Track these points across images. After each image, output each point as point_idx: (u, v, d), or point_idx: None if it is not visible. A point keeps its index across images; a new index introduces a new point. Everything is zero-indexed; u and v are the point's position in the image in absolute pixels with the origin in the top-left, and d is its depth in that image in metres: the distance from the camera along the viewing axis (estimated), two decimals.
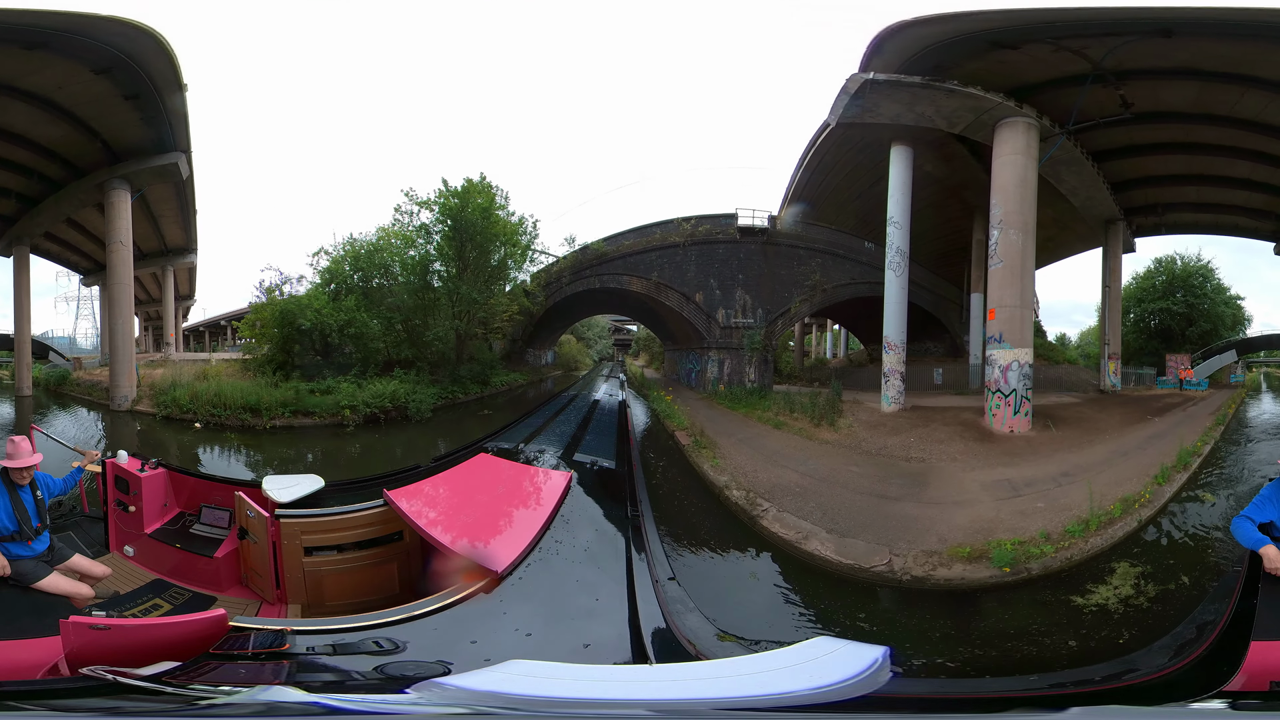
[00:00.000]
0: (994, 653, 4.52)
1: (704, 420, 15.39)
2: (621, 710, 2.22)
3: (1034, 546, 5.89)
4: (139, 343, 47.33)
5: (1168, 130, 16.83)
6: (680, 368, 31.32)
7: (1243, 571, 3.56)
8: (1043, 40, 13.03)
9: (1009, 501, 7.81)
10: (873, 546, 6.34)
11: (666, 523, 7.50)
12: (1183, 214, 23.45)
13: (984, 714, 2.70)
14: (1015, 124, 14.77)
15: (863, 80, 14.64)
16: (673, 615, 3.62)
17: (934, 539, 6.48)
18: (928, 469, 10.04)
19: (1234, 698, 2.45)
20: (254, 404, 15.81)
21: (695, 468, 10.73)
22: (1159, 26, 12.07)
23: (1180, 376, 24.87)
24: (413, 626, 3.37)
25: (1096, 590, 5.31)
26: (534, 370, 33.94)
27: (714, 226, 23.86)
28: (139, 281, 36.38)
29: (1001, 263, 14.51)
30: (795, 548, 6.65)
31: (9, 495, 4.07)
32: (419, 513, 4.50)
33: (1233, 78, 13.82)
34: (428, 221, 22.07)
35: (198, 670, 2.70)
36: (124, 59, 14.99)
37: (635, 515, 5.39)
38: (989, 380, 14.22)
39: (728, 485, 9.01)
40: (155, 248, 30.57)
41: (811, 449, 12.05)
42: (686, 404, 18.55)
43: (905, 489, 8.73)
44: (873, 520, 7.20)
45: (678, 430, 13.79)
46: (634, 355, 70.13)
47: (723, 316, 23.63)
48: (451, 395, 20.51)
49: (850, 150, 21.47)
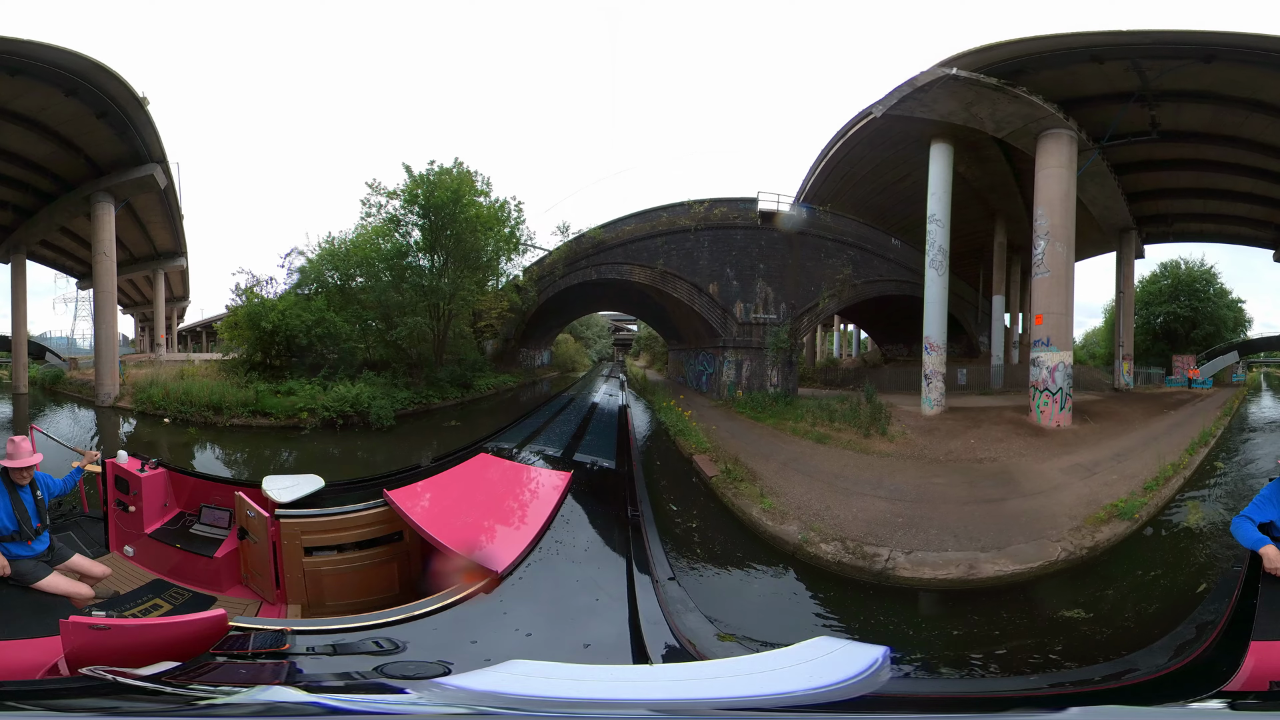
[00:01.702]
0: (1178, 551, 6.68)
1: (726, 435, 13.00)
2: (621, 710, 2.22)
3: (1134, 501, 7.60)
4: (136, 343, 47.87)
5: (1181, 148, 17.91)
6: (688, 370, 28.48)
7: (1243, 571, 3.56)
8: (1123, 58, 13.88)
9: (1090, 479, 9.04)
10: (1032, 545, 6.35)
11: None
12: (1190, 224, 24.62)
13: (984, 714, 2.70)
14: (1059, 136, 15.27)
15: (944, 74, 14.50)
16: (673, 615, 3.63)
17: (1065, 519, 7.10)
18: (1004, 467, 10.30)
19: (1234, 698, 2.45)
20: (216, 403, 16.45)
21: (738, 514, 7.96)
22: (1208, 52, 13.22)
23: (1188, 376, 26.38)
24: (413, 626, 3.38)
25: (1187, 517, 7.56)
26: (527, 372, 31.88)
27: (731, 210, 21.18)
28: (133, 284, 37.74)
29: (1049, 273, 15.34)
30: (968, 582, 5.70)
31: (9, 495, 4.07)
32: (419, 513, 4.50)
33: (1242, 101, 15.16)
34: (396, 212, 20.55)
35: (198, 670, 2.70)
36: (81, 81, 16.59)
37: (635, 515, 5.39)
38: (1036, 380, 14.94)
39: (806, 539, 6.59)
40: (146, 252, 31.59)
41: (875, 465, 10.47)
42: (700, 414, 15.90)
43: (1000, 489, 8.80)
44: (1000, 525, 7.06)
45: (698, 454, 11.00)
46: (634, 355, 67.91)
47: (741, 311, 20.84)
48: (425, 400, 19.05)
49: (881, 144, 20.66)
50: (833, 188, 24.53)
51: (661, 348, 44.88)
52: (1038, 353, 15.08)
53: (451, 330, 21.95)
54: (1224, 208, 22.51)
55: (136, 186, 21.56)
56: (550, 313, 28.34)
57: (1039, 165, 15.60)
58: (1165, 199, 22.37)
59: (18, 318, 25.25)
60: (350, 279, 21.12)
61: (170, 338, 41.40)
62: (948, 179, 17.15)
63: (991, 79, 14.56)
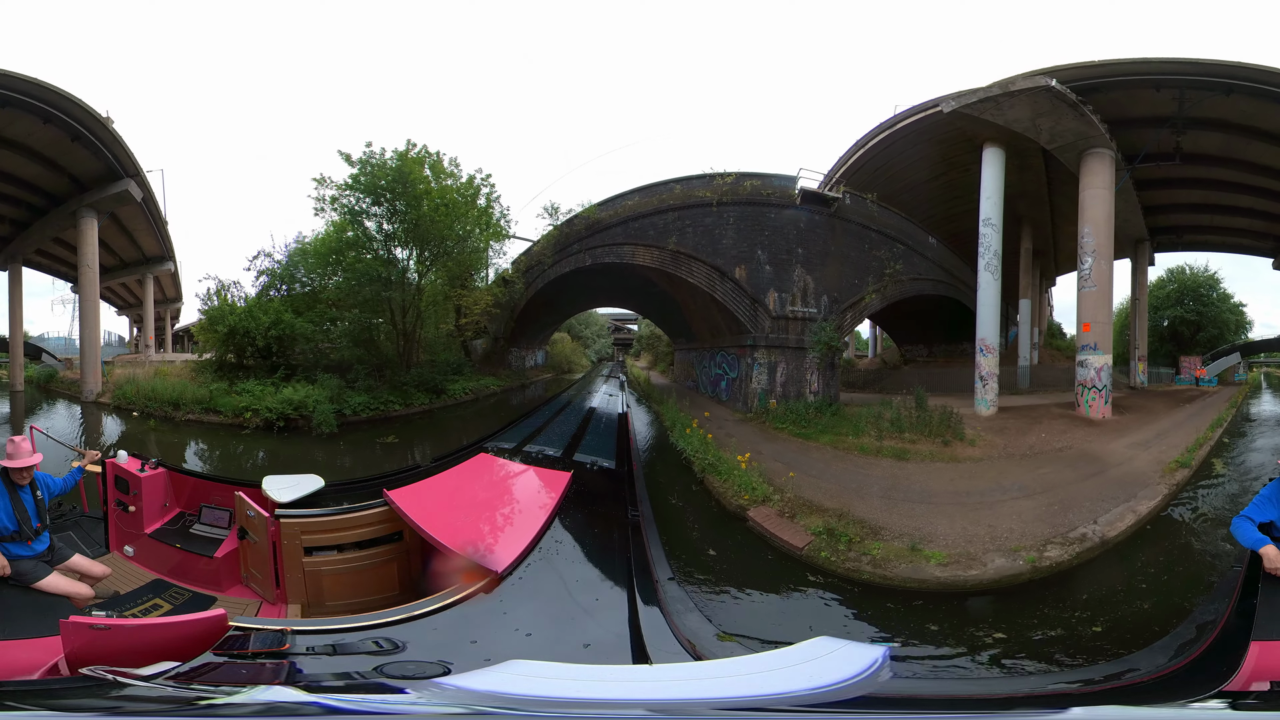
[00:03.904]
0: (1214, 477, 10.30)
1: (778, 464, 10.06)
2: (621, 710, 2.22)
3: (1187, 457, 10.51)
4: (133, 344, 48.41)
5: (1194, 169, 20.11)
6: (700, 373, 24.08)
7: (1243, 571, 3.57)
8: (1176, 86, 15.77)
9: (1148, 451, 11.38)
10: (1147, 490, 8.61)
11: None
12: (1197, 235, 27.21)
13: (984, 714, 2.70)
14: (1103, 156, 16.56)
15: (1042, 85, 15.17)
16: (673, 615, 3.63)
17: (1152, 474, 9.55)
18: (1083, 451, 11.61)
19: (1234, 698, 2.45)
20: (175, 399, 17.50)
21: (894, 586, 5.72)
22: (1228, 86, 15.46)
23: (1195, 375, 28.54)
24: (413, 626, 3.37)
25: (1216, 467, 10.93)
26: (516, 374, 28.67)
27: (764, 185, 17.96)
28: (126, 287, 39.34)
29: (1095, 287, 16.96)
30: (1141, 519, 7.43)
31: (9, 495, 4.07)
32: (419, 512, 4.49)
33: (1246, 129, 17.49)
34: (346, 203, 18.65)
35: (197, 670, 2.70)
36: (51, 110, 18.68)
37: (635, 515, 5.40)
38: (1084, 379, 16.53)
39: (1034, 562, 5.80)
40: (135, 257, 33.34)
41: (977, 471, 10.04)
42: (727, 431, 13.23)
43: (1093, 466, 10.40)
44: (1117, 485, 8.91)
45: (755, 506, 7.69)
46: (634, 356, 65.32)
47: (775, 302, 17.43)
48: (384, 407, 17.28)
49: (927, 140, 20.35)
50: (863, 180, 23.50)
51: (666, 347, 40.57)
52: (1085, 356, 16.64)
53: (430, 329, 20.62)
54: (1228, 221, 24.64)
55: (115, 201, 23.42)
56: (542, 308, 26.07)
57: (1084, 185, 16.87)
58: (1177, 213, 24.52)
59: (14, 321, 27.51)
60: (325, 279, 20.16)
61: (165, 338, 42.03)
62: (1001, 183, 17.48)
63: (1074, 96, 15.56)
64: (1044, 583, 5.67)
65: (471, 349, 23.94)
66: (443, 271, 20.30)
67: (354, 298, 19.01)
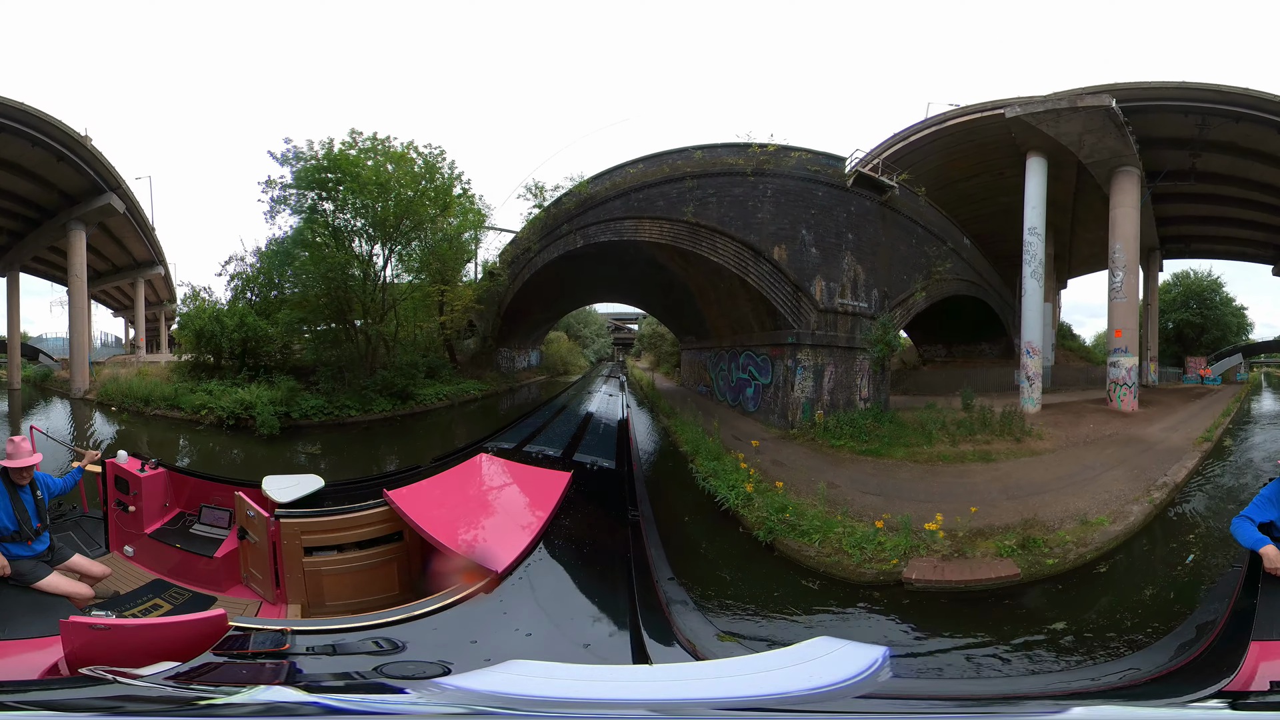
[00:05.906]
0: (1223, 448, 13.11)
1: (868, 492, 8.73)
2: (621, 710, 2.22)
3: (1209, 434, 13.37)
4: (128, 345, 49.54)
5: (1204, 186, 22.22)
6: (717, 377, 19.78)
7: (1242, 571, 3.57)
8: (1203, 113, 17.59)
9: (1176, 433, 13.82)
10: (1191, 454, 11.39)
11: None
12: (1203, 244, 29.99)
13: (984, 713, 2.70)
14: (1131, 174, 17.88)
15: (1105, 103, 16.29)
16: (673, 615, 3.63)
17: (1185, 447, 12.03)
18: (1129, 435, 13.49)
19: (1234, 698, 2.45)
20: (145, 397, 18.68)
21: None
22: (1237, 115, 17.52)
23: (1200, 374, 30.43)
24: (413, 626, 3.38)
25: (1229, 445, 13.71)
26: (504, 376, 26.07)
27: (811, 161, 15.10)
28: (120, 290, 41.03)
29: (1125, 298, 18.77)
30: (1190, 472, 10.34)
31: (9, 495, 4.07)
32: (419, 513, 4.49)
33: (1249, 151, 19.72)
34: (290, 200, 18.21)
35: (197, 670, 2.70)
36: (34, 134, 20.67)
37: (635, 515, 5.40)
38: (1115, 377, 18.13)
39: (1154, 501, 8.39)
40: (126, 262, 35.19)
41: (1059, 460, 10.94)
42: (766, 456, 11.07)
43: (1141, 445, 12.42)
44: (1166, 455, 11.28)
45: (907, 564, 5.84)
46: (635, 356, 62.10)
47: (823, 292, 14.48)
48: (339, 413, 16.36)
49: (972, 142, 20.28)
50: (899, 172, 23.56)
51: (670, 346, 35.16)
52: (1116, 358, 18.48)
53: (407, 329, 20.00)
54: (1233, 232, 27.34)
55: (100, 213, 25.53)
56: (533, 304, 24.04)
57: (1115, 203, 18.27)
58: (1187, 224, 26.97)
59: (12, 324, 30.29)
60: (279, 280, 19.98)
61: (161, 339, 43.30)
62: (1044, 193, 18.10)
63: (1123, 116, 16.74)
64: (1164, 511, 8.43)
65: (457, 350, 23.20)
66: (423, 266, 19.81)
67: (307, 299, 18.85)
